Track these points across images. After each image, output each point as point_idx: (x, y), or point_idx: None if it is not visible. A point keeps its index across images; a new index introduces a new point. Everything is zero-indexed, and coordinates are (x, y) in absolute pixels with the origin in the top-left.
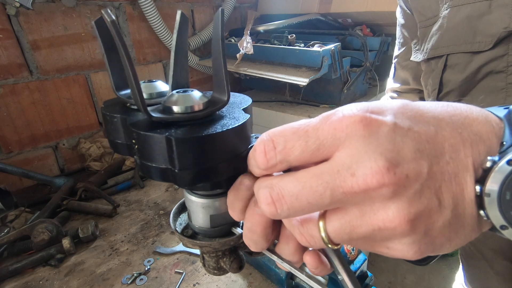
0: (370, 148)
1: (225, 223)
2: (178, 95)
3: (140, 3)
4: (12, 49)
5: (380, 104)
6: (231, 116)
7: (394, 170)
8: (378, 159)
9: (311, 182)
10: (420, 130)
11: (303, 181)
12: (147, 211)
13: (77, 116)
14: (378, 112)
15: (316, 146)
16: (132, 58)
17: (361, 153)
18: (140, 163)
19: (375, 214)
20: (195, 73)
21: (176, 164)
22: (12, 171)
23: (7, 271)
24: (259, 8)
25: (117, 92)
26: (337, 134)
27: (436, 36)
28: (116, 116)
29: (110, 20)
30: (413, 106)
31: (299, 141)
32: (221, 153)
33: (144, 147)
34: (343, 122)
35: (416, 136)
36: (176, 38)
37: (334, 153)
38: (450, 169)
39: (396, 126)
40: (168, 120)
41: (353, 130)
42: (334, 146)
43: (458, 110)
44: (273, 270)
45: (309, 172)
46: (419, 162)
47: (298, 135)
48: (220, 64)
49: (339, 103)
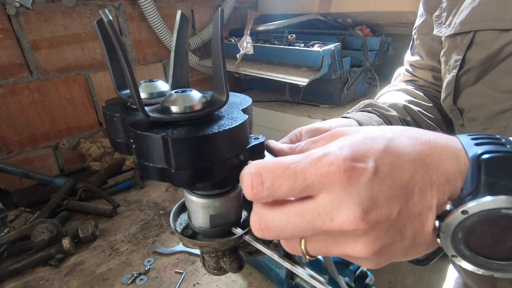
0: (349, 197)
1: (225, 223)
2: (177, 95)
3: (140, 3)
4: (12, 49)
5: (366, 147)
6: (230, 117)
7: (368, 218)
8: (355, 209)
9: (295, 219)
10: (396, 177)
11: (288, 217)
12: (147, 211)
13: (77, 116)
14: (361, 158)
15: (303, 187)
16: (130, 58)
17: (341, 201)
18: (138, 163)
19: (347, 244)
20: (195, 73)
21: (173, 164)
22: (12, 171)
23: (7, 271)
24: (259, 8)
25: (118, 91)
26: (323, 180)
27: (468, 10)
28: (116, 115)
29: (107, 20)
30: (394, 149)
31: (287, 181)
32: (218, 154)
33: (141, 146)
34: (330, 170)
35: (392, 184)
36: (176, 38)
37: (318, 194)
38: (416, 209)
39: (375, 174)
40: (165, 120)
41: (337, 179)
42: (318, 189)
43: (433, 149)
44: (273, 270)
45: (294, 209)
46: (391, 207)
47: (287, 174)
48: (220, 64)
49: (339, 103)
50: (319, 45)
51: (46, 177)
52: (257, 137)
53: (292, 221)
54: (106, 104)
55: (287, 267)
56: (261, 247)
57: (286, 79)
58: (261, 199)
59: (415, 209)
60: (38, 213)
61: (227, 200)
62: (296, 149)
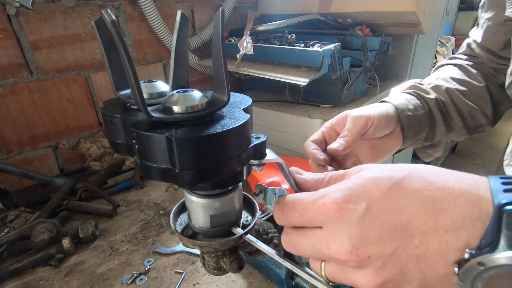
0: (341, 232)
1: (225, 223)
2: (178, 95)
3: (140, 3)
4: (12, 49)
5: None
6: (232, 116)
7: (357, 252)
8: (345, 242)
9: (305, 242)
10: (390, 219)
11: (301, 239)
12: (147, 211)
13: (77, 116)
14: (354, 200)
15: (307, 220)
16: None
17: (335, 235)
18: (140, 163)
19: (351, 275)
20: (195, 73)
21: (177, 164)
22: (12, 171)
23: (7, 271)
24: (259, 8)
25: (117, 92)
26: (320, 217)
27: None
28: (116, 116)
29: (110, 20)
30: (396, 193)
31: (296, 214)
32: (222, 153)
33: (144, 147)
34: (322, 209)
35: (384, 225)
36: (176, 38)
37: (322, 226)
38: (417, 252)
39: (365, 215)
40: (168, 120)
41: (329, 217)
42: (319, 222)
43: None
44: (273, 270)
45: (305, 233)
46: (383, 245)
47: (295, 209)
48: (221, 64)
49: (339, 103)
50: (319, 45)
51: (46, 177)
52: (259, 136)
53: (303, 242)
54: (105, 105)
55: (287, 267)
56: (261, 247)
57: (286, 79)
58: (285, 225)
59: (417, 251)
60: (38, 213)
61: (228, 200)
62: (323, 182)
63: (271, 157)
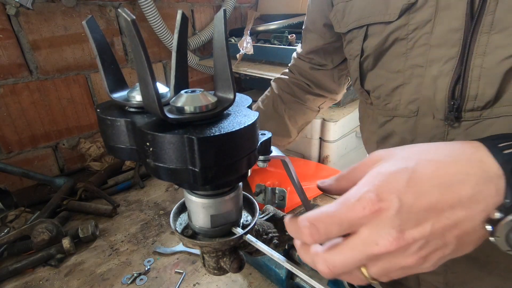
0: (383, 226)
1: (225, 223)
2: (187, 95)
3: (140, 3)
4: (12, 49)
5: (389, 186)
6: (241, 114)
7: (404, 237)
8: (391, 233)
9: (352, 253)
10: (422, 203)
11: (345, 253)
12: (147, 211)
13: (77, 116)
14: (386, 197)
15: (346, 227)
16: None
17: (379, 230)
18: (155, 166)
19: (401, 260)
20: (195, 73)
21: (198, 163)
22: (12, 171)
23: (7, 271)
24: (259, 8)
25: (111, 94)
26: (360, 220)
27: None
28: (118, 120)
29: (131, 19)
30: (417, 180)
31: (335, 226)
32: (240, 150)
33: (161, 148)
34: (364, 213)
35: (418, 209)
36: (177, 38)
37: (358, 229)
38: (449, 222)
39: (401, 207)
40: (183, 120)
41: (370, 217)
42: (359, 226)
43: (459, 167)
44: (273, 270)
45: (346, 246)
46: (422, 226)
47: (334, 221)
48: (225, 63)
49: (339, 103)
50: None
51: (46, 177)
52: (264, 133)
53: (350, 255)
54: (100, 109)
55: (287, 267)
56: (261, 247)
57: None
58: (319, 242)
59: (448, 222)
60: (38, 213)
61: (228, 200)
62: (347, 181)
63: (276, 153)
